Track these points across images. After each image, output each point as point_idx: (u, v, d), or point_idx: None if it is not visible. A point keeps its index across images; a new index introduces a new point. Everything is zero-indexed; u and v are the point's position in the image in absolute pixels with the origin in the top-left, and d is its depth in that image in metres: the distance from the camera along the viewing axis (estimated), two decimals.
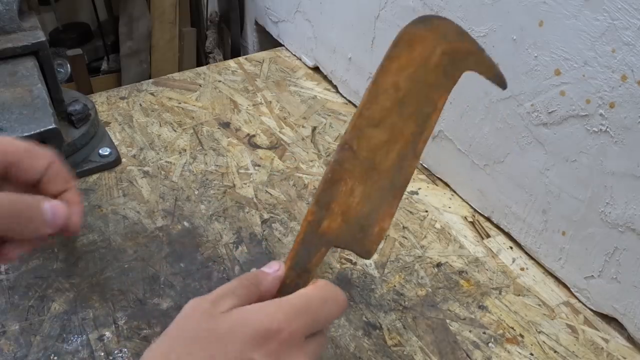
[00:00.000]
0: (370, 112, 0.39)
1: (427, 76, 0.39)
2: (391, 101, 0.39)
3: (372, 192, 0.39)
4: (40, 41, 0.61)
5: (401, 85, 0.39)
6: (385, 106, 0.39)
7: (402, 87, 0.39)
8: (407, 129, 0.39)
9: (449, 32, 0.39)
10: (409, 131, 0.39)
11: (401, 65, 0.39)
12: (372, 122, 0.39)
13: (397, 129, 0.39)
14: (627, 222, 0.48)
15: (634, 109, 0.45)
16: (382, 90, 0.39)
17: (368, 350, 0.49)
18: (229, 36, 1.29)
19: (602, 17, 0.45)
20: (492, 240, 0.61)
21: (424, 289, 0.55)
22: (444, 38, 0.39)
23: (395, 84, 0.39)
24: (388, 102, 0.39)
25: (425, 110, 0.39)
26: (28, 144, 0.36)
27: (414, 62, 0.39)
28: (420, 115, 0.39)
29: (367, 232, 0.39)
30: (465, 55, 0.39)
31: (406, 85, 0.39)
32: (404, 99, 0.39)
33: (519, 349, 0.50)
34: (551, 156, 0.53)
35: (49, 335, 0.49)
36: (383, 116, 0.39)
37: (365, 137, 0.39)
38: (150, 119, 0.78)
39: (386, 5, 0.69)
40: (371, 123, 0.39)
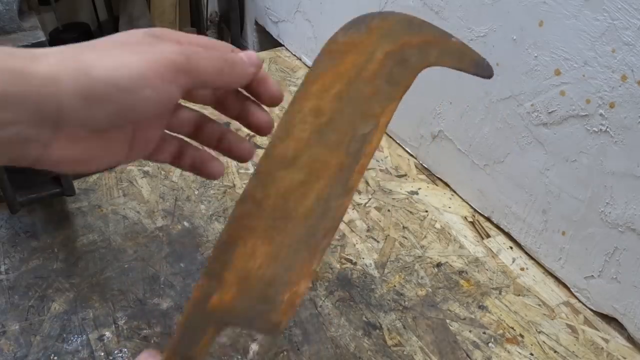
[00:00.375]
0: (281, 151, 0.32)
1: (362, 89, 0.33)
2: (310, 131, 0.32)
3: (281, 250, 0.31)
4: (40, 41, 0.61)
5: (325, 108, 0.33)
6: (301, 138, 0.32)
7: (326, 111, 0.33)
8: (334, 160, 0.32)
9: (394, 29, 0.33)
10: (335, 163, 0.32)
11: (325, 84, 0.33)
12: (284, 162, 0.32)
13: (319, 163, 0.32)
14: (627, 222, 0.48)
15: (634, 109, 0.45)
16: (298, 121, 0.32)
17: (368, 350, 0.49)
18: (229, 36, 1.29)
19: (602, 17, 0.45)
20: (492, 240, 0.61)
21: (424, 289, 0.55)
22: (387, 37, 0.33)
23: (316, 108, 0.33)
24: (305, 132, 0.32)
25: (361, 131, 0.32)
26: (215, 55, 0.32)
27: (342, 76, 0.33)
28: (354, 139, 0.32)
29: (272, 302, 0.31)
30: (421, 48, 0.33)
31: (332, 107, 0.33)
32: (329, 124, 0.32)
33: (519, 349, 0.50)
34: (551, 156, 0.53)
35: (49, 335, 0.49)
36: (298, 152, 0.32)
37: (274, 181, 0.32)
38: None
39: (386, 5, 0.69)
40: (282, 164, 0.32)
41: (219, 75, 0.31)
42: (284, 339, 0.50)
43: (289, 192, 0.32)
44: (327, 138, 0.32)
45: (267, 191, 0.32)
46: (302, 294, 0.31)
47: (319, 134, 0.32)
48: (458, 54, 0.33)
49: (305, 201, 0.32)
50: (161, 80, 0.28)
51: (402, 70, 0.33)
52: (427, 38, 0.33)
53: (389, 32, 0.33)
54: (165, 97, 0.29)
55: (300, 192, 0.32)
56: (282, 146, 0.33)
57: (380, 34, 0.33)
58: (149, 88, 0.28)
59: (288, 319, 0.31)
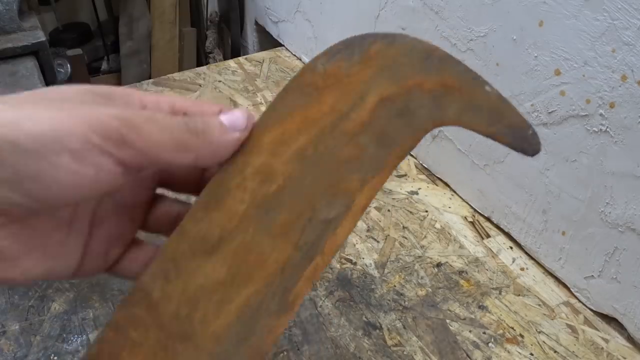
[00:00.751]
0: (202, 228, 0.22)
1: (338, 149, 0.22)
2: (249, 203, 0.22)
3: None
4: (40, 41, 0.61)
5: (278, 171, 0.22)
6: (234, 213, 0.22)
7: (279, 175, 0.22)
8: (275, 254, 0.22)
9: (402, 61, 0.22)
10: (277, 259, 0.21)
11: (286, 134, 0.23)
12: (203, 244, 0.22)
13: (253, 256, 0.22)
14: (627, 222, 0.48)
15: (634, 109, 0.45)
16: (235, 185, 0.22)
17: (368, 350, 0.49)
18: (229, 36, 1.29)
19: (602, 17, 0.45)
20: (492, 240, 0.61)
21: (424, 289, 0.55)
22: (388, 73, 0.22)
23: (265, 169, 0.22)
24: (242, 205, 0.22)
25: (324, 214, 0.21)
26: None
27: (313, 125, 0.22)
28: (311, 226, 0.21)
29: None
30: (437, 97, 0.22)
31: (288, 171, 0.22)
32: (279, 197, 0.22)
33: (519, 349, 0.50)
34: (551, 156, 0.53)
35: (49, 335, 0.49)
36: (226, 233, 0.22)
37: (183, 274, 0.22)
38: None
39: (386, 5, 0.69)
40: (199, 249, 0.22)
41: (179, 151, 0.22)
42: (284, 338, 0.50)
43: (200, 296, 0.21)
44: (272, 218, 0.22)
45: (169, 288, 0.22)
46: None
47: (262, 209, 0.22)
48: (492, 112, 0.22)
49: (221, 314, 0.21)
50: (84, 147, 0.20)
51: (402, 127, 0.22)
52: (449, 82, 0.22)
53: (393, 66, 0.22)
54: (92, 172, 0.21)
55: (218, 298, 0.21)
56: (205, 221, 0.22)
57: (379, 66, 0.22)
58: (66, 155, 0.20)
59: None
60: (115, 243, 0.26)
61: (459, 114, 0.22)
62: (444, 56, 0.22)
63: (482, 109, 0.22)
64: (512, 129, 0.22)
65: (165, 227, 0.28)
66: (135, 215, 0.27)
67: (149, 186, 0.27)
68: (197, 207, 0.23)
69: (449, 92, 0.22)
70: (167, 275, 0.22)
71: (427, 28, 0.63)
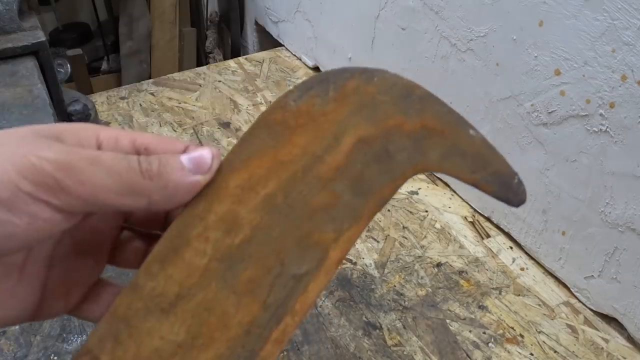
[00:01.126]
0: (158, 283, 0.20)
1: (310, 196, 0.20)
2: (212, 256, 0.20)
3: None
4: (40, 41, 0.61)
5: (244, 220, 0.20)
6: (195, 267, 0.20)
7: (245, 225, 0.20)
8: (240, 315, 0.19)
9: (380, 99, 0.20)
10: (242, 320, 0.19)
11: (254, 178, 0.21)
12: (160, 302, 0.20)
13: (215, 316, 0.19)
14: (627, 222, 0.48)
15: (634, 109, 0.45)
16: (196, 234, 0.20)
17: (368, 350, 0.49)
18: (229, 36, 1.29)
19: (602, 17, 0.45)
20: (492, 240, 0.61)
21: (424, 289, 0.55)
22: (366, 112, 0.20)
23: (230, 218, 0.20)
24: (204, 258, 0.20)
25: (294, 269, 0.20)
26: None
27: (284, 169, 0.21)
28: (279, 282, 0.20)
29: None
30: (417, 140, 0.20)
31: (256, 220, 0.20)
32: (245, 250, 0.20)
33: (519, 349, 0.50)
34: (551, 156, 0.53)
35: (49, 335, 0.49)
36: (186, 289, 0.20)
37: (135, 335, 0.19)
38: (150, 119, 0.78)
39: (386, 5, 0.69)
40: (156, 305, 0.20)
41: (128, 194, 0.20)
42: None
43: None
44: (236, 273, 0.20)
45: (119, 353, 0.19)
46: None
47: (226, 263, 0.20)
48: (476, 158, 0.21)
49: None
50: (13, 195, 0.19)
51: (380, 173, 0.20)
52: (431, 123, 0.20)
53: (371, 104, 0.20)
54: (26, 221, 0.19)
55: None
56: (161, 276, 0.20)
57: (356, 104, 0.20)
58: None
59: None
60: (76, 284, 0.24)
61: (441, 159, 0.21)
62: (426, 95, 0.21)
63: (465, 155, 0.20)
64: (496, 177, 0.21)
65: (135, 263, 0.26)
66: (98, 254, 0.25)
67: (112, 224, 0.25)
68: (152, 260, 0.21)
69: (430, 134, 0.20)
70: (118, 337, 0.19)
71: (427, 28, 0.63)
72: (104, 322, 0.20)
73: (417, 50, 0.66)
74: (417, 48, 0.65)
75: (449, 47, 0.61)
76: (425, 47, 0.64)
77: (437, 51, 0.63)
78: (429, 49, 0.64)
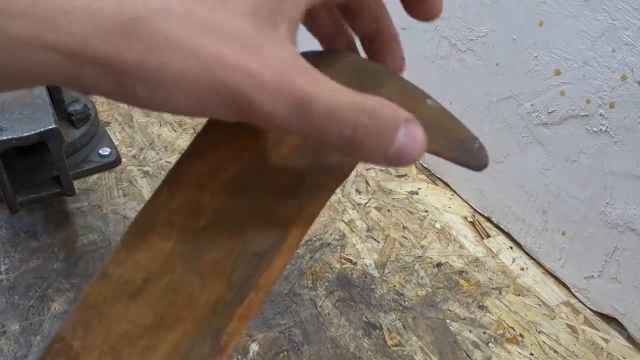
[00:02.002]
0: (125, 270, 0.20)
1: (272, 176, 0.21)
2: (176, 241, 0.21)
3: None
4: None
5: (206, 205, 0.21)
6: (160, 252, 0.20)
7: (208, 209, 0.21)
8: (205, 294, 0.20)
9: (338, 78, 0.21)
10: (207, 300, 0.20)
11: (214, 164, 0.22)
12: (127, 287, 0.20)
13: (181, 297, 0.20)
14: (627, 222, 0.48)
15: (634, 109, 0.45)
16: (160, 221, 0.21)
17: (368, 350, 0.49)
18: None
19: (602, 17, 0.45)
20: (492, 240, 0.61)
21: (424, 289, 0.55)
22: None
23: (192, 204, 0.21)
24: (169, 243, 0.20)
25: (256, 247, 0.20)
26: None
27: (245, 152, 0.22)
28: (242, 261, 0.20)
29: None
30: None
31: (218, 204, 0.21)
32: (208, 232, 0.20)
33: (519, 349, 0.50)
34: (551, 156, 0.53)
35: (49, 335, 0.49)
36: (152, 275, 0.20)
37: (105, 320, 0.20)
38: (150, 119, 0.78)
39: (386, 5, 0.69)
40: (123, 292, 0.20)
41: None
42: (284, 338, 0.50)
43: (125, 343, 0.19)
44: (201, 255, 0.20)
45: (90, 338, 0.20)
46: None
47: (191, 246, 0.20)
48: (434, 127, 0.21)
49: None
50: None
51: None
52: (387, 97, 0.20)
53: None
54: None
55: (144, 345, 0.19)
56: (129, 263, 0.20)
57: None
58: None
59: None
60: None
61: None
62: (381, 70, 0.21)
63: (424, 125, 0.20)
64: (456, 143, 0.21)
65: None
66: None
67: None
68: (120, 247, 0.21)
69: None
70: (89, 323, 0.20)
71: (427, 28, 0.63)
72: (75, 310, 0.21)
73: (417, 50, 0.65)
74: (417, 48, 0.65)
75: (449, 47, 0.61)
76: (425, 47, 0.64)
77: (437, 51, 0.63)
78: (429, 49, 0.64)
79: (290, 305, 0.53)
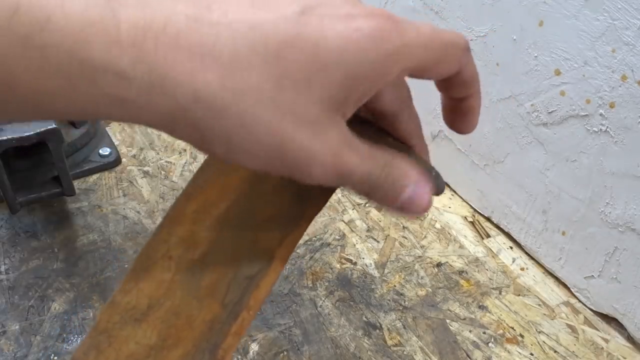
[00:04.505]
0: (132, 298, 0.23)
1: (258, 208, 0.24)
2: (175, 270, 0.24)
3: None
4: None
5: (201, 237, 0.24)
6: (162, 281, 0.23)
7: (202, 241, 0.24)
8: (202, 315, 0.22)
9: None
10: (204, 320, 0.22)
11: (207, 201, 0.24)
12: (132, 315, 0.23)
13: (182, 319, 0.22)
14: (627, 222, 0.48)
15: (634, 109, 0.45)
16: (161, 255, 0.24)
17: (368, 350, 0.49)
18: None
19: (602, 17, 0.45)
20: (492, 240, 0.61)
21: (424, 289, 0.55)
22: None
23: (189, 237, 0.24)
24: (169, 273, 0.24)
25: (246, 272, 0.23)
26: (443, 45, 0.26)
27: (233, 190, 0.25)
28: (234, 284, 0.22)
29: None
30: None
31: (211, 236, 0.24)
32: (203, 261, 0.23)
33: (519, 348, 0.50)
34: (551, 156, 0.53)
35: (49, 335, 0.49)
36: (155, 301, 0.23)
37: (115, 343, 0.23)
38: None
39: (386, 5, 0.69)
40: (130, 318, 0.23)
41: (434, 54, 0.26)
42: (284, 338, 0.50)
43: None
44: (198, 281, 0.23)
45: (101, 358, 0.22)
46: None
47: (188, 274, 0.23)
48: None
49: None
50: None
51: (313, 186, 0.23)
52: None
53: None
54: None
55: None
56: (135, 291, 0.23)
57: None
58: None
59: None
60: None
61: None
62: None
63: None
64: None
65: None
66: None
67: None
68: (127, 279, 0.24)
69: None
70: (99, 346, 0.23)
71: None
72: (87, 337, 0.23)
73: None
74: None
75: None
76: None
77: None
78: None
79: (290, 305, 0.53)
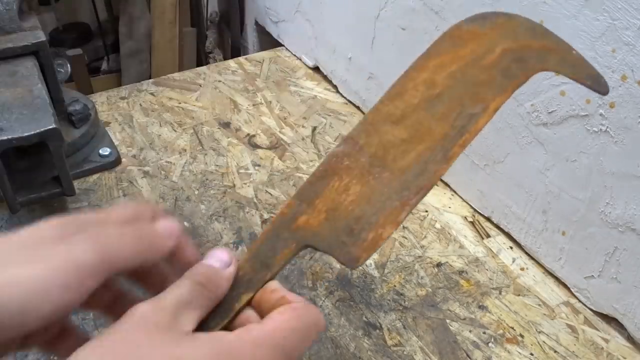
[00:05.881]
0: (390, 109, 0.35)
1: (477, 75, 0.34)
2: (420, 98, 0.34)
3: (373, 194, 0.32)
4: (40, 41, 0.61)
5: (438, 82, 0.35)
6: (411, 103, 0.34)
7: (439, 85, 0.34)
8: (439, 129, 0.33)
9: (518, 30, 0.35)
10: (439, 132, 0.33)
11: (442, 62, 0.35)
12: (391, 118, 0.34)
13: (424, 128, 0.33)
14: (627, 222, 0.48)
15: (634, 109, 0.45)
16: (410, 87, 0.35)
17: (368, 350, 0.49)
18: (229, 36, 1.29)
19: (602, 17, 0.45)
20: (492, 240, 0.61)
21: (424, 289, 0.55)
22: (509, 35, 0.35)
23: (429, 80, 0.35)
24: (416, 99, 0.34)
25: (469, 110, 0.33)
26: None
27: (461, 59, 0.35)
28: (461, 116, 0.33)
29: (357, 237, 0.32)
30: (540, 53, 0.34)
31: (445, 83, 0.34)
32: (439, 97, 0.34)
33: (519, 348, 0.50)
34: (551, 156, 0.53)
35: None
36: (406, 113, 0.34)
37: (378, 133, 0.34)
38: (150, 119, 0.78)
39: (386, 5, 0.69)
40: (389, 119, 0.34)
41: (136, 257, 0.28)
42: None
43: (390, 146, 0.34)
44: (435, 108, 0.34)
45: (370, 139, 0.34)
46: (385, 238, 0.32)
47: (429, 103, 0.34)
48: (576, 65, 0.33)
49: (404, 157, 0.33)
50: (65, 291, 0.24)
51: (518, 68, 0.34)
52: (549, 45, 0.34)
53: (512, 32, 0.35)
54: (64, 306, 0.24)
55: (402, 149, 0.33)
56: (392, 105, 0.35)
57: (503, 31, 0.35)
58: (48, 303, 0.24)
59: (367, 257, 0.32)
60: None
61: (556, 64, 0.34)
62: (545, 31, 0.35)
63: (571, 63, 0.33)
64: (591, 76, 0.33)
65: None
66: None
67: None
68: (385, 97, 0.35)
69: (548, 51, 0.34)
70: (368, 132, 0.34)
71: (427, 28, 0.63)
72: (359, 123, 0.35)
73: (417, 50, 0.65)
74: (417, 48, 0.65)
75: None
76: (425, 47, 0.64)
77: None
78: None
79: None
